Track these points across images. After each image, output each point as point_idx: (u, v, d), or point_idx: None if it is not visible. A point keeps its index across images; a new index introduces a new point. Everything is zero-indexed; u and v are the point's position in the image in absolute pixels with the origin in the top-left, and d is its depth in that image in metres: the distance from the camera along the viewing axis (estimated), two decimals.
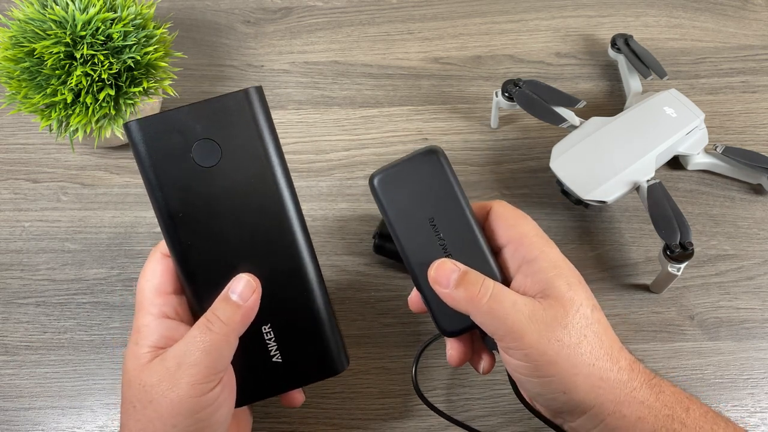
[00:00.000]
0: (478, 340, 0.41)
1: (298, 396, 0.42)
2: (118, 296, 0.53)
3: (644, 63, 0.60)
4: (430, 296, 0.38)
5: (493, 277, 0.37)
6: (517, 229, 0.38)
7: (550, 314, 0.35)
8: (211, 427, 0.36)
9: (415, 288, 0.40)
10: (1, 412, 0.48)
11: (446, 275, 0.37)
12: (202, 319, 0.36)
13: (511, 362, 0.36)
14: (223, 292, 0.37)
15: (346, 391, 0.49)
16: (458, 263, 0.37)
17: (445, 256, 0.38)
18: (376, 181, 0.37)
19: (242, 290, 0.37)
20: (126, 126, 0.34)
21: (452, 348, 0.40)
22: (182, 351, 0.35)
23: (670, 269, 0.48)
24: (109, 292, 0.53)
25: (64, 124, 0.53)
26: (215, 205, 0.36)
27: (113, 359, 0.50)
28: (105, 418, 0.48)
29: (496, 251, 0.39)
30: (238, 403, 0.38)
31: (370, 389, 0.49)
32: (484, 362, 0.41)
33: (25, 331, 0.52)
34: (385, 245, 0.51)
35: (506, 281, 0.38)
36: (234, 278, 0.37)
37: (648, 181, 0.52)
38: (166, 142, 0.35)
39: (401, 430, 0.47)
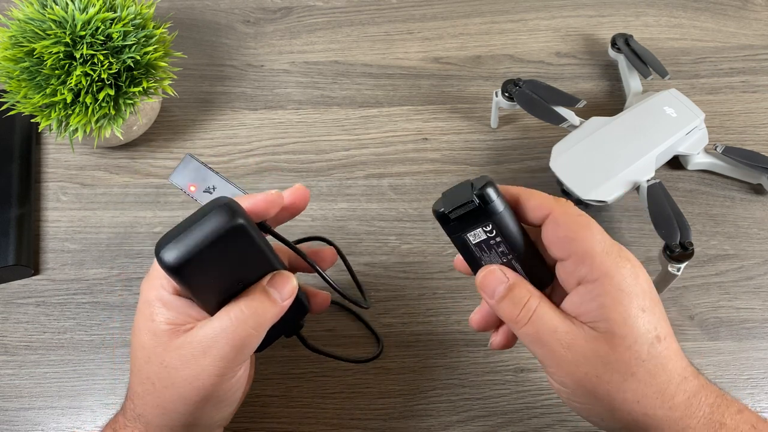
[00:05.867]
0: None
1: (322, 295, 0.42)
2: (118, 296, 0.53)
3: (645, 62, 0.60)
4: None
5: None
6: (580, 244, 0.33)
7: (591, 348, 0.33)
8: (229, 400, 0.37)
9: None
10: (0, 412, 0.48)
11: (492, 286, 0.35)
12: (235, 308, 0.35)
13: (552, 382, 0.35)
14: (263, 284, 0.36)
15: (346, 391, 0.49)
16: (509, 272, 0.35)
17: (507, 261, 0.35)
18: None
19: (283, 289, 0.36)
20: None
21: (480, 312, 0.38)
22: (210, 339, 0.34)
23: (670, 269, 0.48)
24: (109, 292, 0.53)
25: (63, 124, 0.53)
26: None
27: (113, 359, 0.50)
28: (105, 418, 0.48)
29: (553, 262, 0.35)
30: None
31: (370, 389, 0.49)
32: (497, 337, 0.39)
33: (24, 331, 0.51)
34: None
35: (562, 296, 0.35)
36: (276, 273, 0.36)
37: (648, 180, 0.52)
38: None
39: (401, 430, 0.47)
